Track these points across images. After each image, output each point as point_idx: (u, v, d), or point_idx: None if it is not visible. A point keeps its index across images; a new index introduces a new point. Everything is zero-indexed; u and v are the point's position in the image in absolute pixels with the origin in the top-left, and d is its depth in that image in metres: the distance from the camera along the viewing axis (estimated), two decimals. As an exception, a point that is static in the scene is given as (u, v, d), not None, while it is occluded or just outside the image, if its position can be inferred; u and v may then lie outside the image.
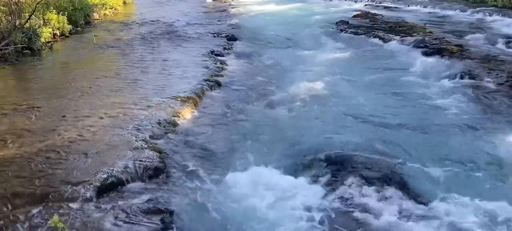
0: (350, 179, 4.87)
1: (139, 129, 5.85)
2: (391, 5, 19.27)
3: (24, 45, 10.18)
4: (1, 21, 10.22)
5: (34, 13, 10.65)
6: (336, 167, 5.14)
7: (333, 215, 4.37)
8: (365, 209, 4.45)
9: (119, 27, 14.24)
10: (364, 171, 5.00)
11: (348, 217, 4.35)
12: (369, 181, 4.82)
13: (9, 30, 9.93)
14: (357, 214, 4.38)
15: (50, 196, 4.27)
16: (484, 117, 6.80)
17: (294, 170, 5.21)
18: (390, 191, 4.67)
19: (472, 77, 8.47)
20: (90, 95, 7.26)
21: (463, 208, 4.41)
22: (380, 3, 20.03)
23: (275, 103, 7.47)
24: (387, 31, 12.97)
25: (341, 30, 13.75)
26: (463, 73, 8.63)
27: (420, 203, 4.55)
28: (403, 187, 4.78)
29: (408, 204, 4.51)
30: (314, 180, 4.98)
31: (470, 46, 10.80)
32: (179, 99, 7.05)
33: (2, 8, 10.41)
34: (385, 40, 12.06)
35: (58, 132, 5.73)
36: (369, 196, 4.63)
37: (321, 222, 4.28)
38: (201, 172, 5.07)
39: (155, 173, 4.89)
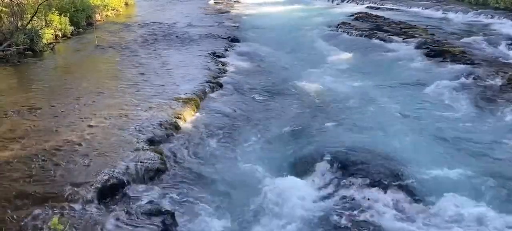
0: (352, 180, 4.87)
1: (140, 130, 5.84)
2: (392, 7, 19.27)
3: (26, 46, 10.19)
4: (3, 22, 10.25)
5: (36, 15, 10.66)
6: (338, 168, 5.14)
7: (335, 216, 4.36)
8: (366, 209, 4.45)
9: (121, 28, 14.25)
10: (366, 172, 4.99)
11: (350, 217, 4.35)
12: (371, 182, 4.81)
13: (11, 31, 9.96)
14: (358, 214, 4.38)
15: (51, 197, 4.26)
16: (486, 119, 6.79)
17: (296, 171, 5.21)
18: (392, 191, 4.66)
19: (474, 79, 8.45)
20: (92, 96, 7.25)
21: (464, 209, 4.41)
22: (382, 5, 20.02)
23: (276, 105, 7.46)
24: (389, 33, 12.94)
25: (343, 32, 13.73)
26: (465, 76, 8.60)
27: (421, 203, 4.55)
28: (406, 188, 4.76)
29: (410, 206, 4.51)
30: (316, 181, 4.98)
31: (472, 48, 10.78)
32: (181, 100, 7.04)
33: (4, 9, 10.44)
34: (386, 42, 12.03)
35: (60, 133, 5.73)
36: (371, 196, 4.62)
37: (322, 223, 4.27)
38: (202, 173, 5.07)
39: (156, 175, 4.89)
